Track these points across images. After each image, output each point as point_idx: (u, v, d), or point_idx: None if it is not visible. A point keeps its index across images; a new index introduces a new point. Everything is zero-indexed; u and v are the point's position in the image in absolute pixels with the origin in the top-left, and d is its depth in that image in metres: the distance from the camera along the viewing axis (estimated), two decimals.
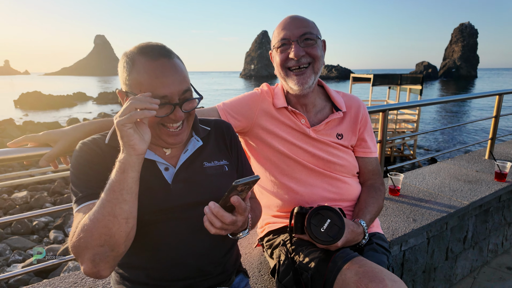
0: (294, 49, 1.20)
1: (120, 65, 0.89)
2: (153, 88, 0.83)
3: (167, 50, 0.88)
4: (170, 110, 0.86)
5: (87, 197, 0.84)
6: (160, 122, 0.88)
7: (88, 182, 0.85)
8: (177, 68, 0.87)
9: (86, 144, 0.90)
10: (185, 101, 0.88)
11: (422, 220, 1.93)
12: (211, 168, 1.00)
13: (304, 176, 1.31)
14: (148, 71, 0.83)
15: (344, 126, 1.36)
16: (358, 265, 0.98)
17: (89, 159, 0.87)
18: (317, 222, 1.06)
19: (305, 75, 1.23)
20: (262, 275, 1.44)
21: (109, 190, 0.76)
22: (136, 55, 0.85)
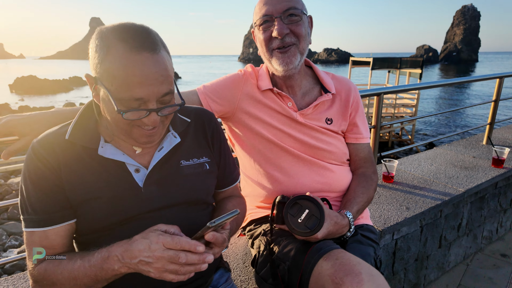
0: (278, 26, 1.09)
1: (91, 45, 0.73)
2: (127, 86, 0.69)
3: (151, 40, 0.72)
4: (144, 114, 0.73)
5: (33, 223, 0.77)
6: (132, 123, 0.75)
7: (34, 205, 0.77)
8: (160, 66, 0.72)
9: (36, 154, 0.77)
10: (163, 107, 0.75)
11: (416, 208, 1.87)
12: (189, 167, 0.89)
13: (290, 165, 1.23)
14: (124, 65, 0.69)
15: (334, 110, 1.27)
16: (335, 257, 0.92)
17: (38, 179, 0.76)
18: (295, 212, 1.00)
19: (289, 53, 1.12)
20: (246, 266, 1.39)
21: (83, 273, 0.72)
22: (113, 40, 0.70)
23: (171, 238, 0.67)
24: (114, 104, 0.70)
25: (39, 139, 0.80)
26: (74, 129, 0.81)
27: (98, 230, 0.80)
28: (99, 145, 0.81)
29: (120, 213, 0.80)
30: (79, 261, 0.73)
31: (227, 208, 0.99)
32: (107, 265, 0.70)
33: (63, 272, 0.73)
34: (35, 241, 0.78)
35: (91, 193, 0.79)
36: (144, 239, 0.69)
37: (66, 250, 0.81)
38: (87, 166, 0.80)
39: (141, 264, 0.68)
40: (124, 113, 0.71)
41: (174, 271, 0.67)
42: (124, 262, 0.69)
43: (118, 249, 0.70)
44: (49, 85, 40.45)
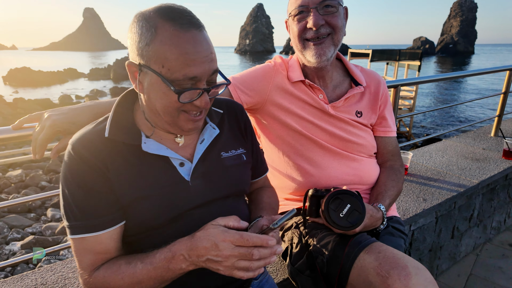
0: (313, 17, 1.08)
1: (133, 30, 0.70)
2: (181, 66, 0.67)
3: (196, 18, 0.71)
4: (196, 95, 0.71)
5: (85, 228, 0.73)
6: (181, 108, 0.73)
7: (85, 209, 0.73)
8: (209, 43, 0.71)
9: (79, 155, 0.72)
10: (213, 86, 0.73)
11: (432, 200, 1.89)
12: (229, 159, 0.88)
13: (320, 157, 1.23)
14: (176, 44, 0.66)
15: (364, 103, 1.27)
16: (377, 250, 0.93)
17: (85, 181, 0.72)
18: (336, 207, 0.99)
19: (323, 45, 1.11)
20: None
21: (148, 276, 0.70)
22: (160, 20, 0.67)
23: (240, 236, 0.66)
24: (169, 85, 0.67)
25: (78, 139, 0.75)
26: (112, 125, 0.77)
27: (148, 229, 0.78)
28: (141, 141, 0.78)
29: (170, 210, 0.77)
30: (140, 265, 0.70)
31: (263, 201, 0.99)
32: (173, 265, 0.68)
33: (124, 278, 0.71)
34: (87, 247, 0.74)
35: (140, 192, 0.76)
36: (208, 236, 0.67)
37: (119, 253, 0.78)
38: (132, 164, 0.76)
39: (210, 262, 0.67)
40: (181, 94, 0.69)
41: (245, 268, 0.66)
42: (191, 260, 0.67)
43: (182, 248, 0.68)
44: (44, 77, 39.88)
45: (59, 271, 1.30)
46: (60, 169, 3.74)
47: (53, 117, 0.89)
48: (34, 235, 6.31)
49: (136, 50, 0.70)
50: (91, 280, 0.73)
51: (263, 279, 1.03)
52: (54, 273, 1.29)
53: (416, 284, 0.81)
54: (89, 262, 0.74)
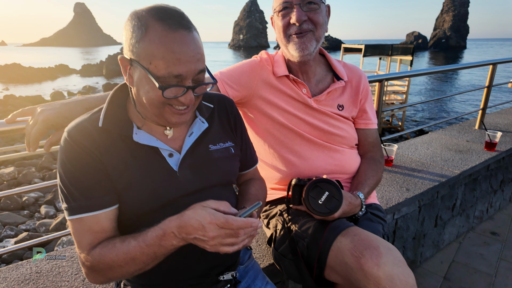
0: (296, 13, 1.13)
1: (127, 27, 0.75)
2: (167, 63, 0.71)
3: (187, 20, 0.75)
4: (181, 92, 0.75)
5: (83, 208, 0.77)
6: (166, 102, 0.77)
7: (83, 190, 0.78)
8: (196, 44, 0.75)
9: (75, 140, 0.77)
10: (199, 85, 0.77)
11: (415, 190, 1.96)
12: (217, 151, 0.93)
13: (304, 148, 1.29)
14: (164, 43, 0.71)
15: (346, 97, 1.33)
16: (353, 233, 0.99)
17: (81, 163, 0.77)
18: (315, 194, 1.05)
19: (305, 38, 1.17)
20: (259, 244, 1.46)
21: (141, 253, 0.75)
22: (151, 19, 0.72)
23: (226, 219, 0.71)
24: (154, 81, 0.72)
25: (74, 126, 0.80)
26: (106, 116, 0.81)
27: (139, 216, 0.82)
28: (133, 131, 0.82)
29: (159, 198, 0.82)
30: (133, 242, 0.75)
31: (250, 192, 1.03)
32: (164, 242, 0.73)
33: (119, 255, 0.75)
34: (85, 227, 0.78)
35: (130, 180, 0.80)
36: (196, 217, 0.71)
37: (115, 234, 0.82)
38: (123, 153, 0.81)
39: (197, 240, 0.72)
40: (165, 90, 0.73)
41: (231, 243, 0.72)
42: (181, 237, 0.72)
43: (172, 226, 0.73)
44: (34, 73, 39.33)
45: (53, 260, 1.35)
46: (53, 166, 3.79)
47: (46, 112, 0.93)
48: (28, 232, 6.30)
49: (128, 46, 0.75)
50: (89, 257, 0.77)
51: (249, 264, 1.09)
52: (49, 262, 1.34)
53: (386, 262, 0.87)
54: (88, 241, 0.78)
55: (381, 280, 0.85)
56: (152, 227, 0.75)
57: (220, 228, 0.71)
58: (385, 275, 0.86)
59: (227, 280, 0.92)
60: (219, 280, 0.91)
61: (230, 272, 0.94)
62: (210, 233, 0.70)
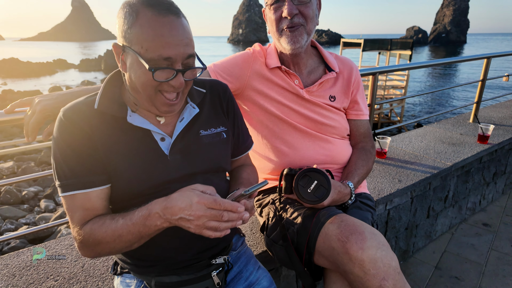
0: (288, 7, 1.16)
1: (119, 15, 0.78)
2: (156, 47, 0.74)
3: (175, 6, 0.78)
4: (172, 75, 0.78)
5: (75, 186, 0.81)
6: (158, 87, 0.80)
7: (74, 168, 0.81)
8: (185, 28, 0.78)
9: (69, 119, 0.81)
10: (188, 69, 0.80)
11: (407, 181, 2.00)
12: (207, 137, 0.96)
13: (296, 139, 1.32)
14: (153, 27, 0.74)
15: (337, 88, 1.36)
16: (340, 219, 1.02)
17: (74, 142, 0.80)
18: (305, 183, 1.09)
19: (297, 32, 1.20)
20: (254, 233, 1.50)
21: (127, 231, 0.78)
22: (141, 6, 0.76)
23: (213, 200, 0.73)
24: (145, 63, 0.75)
25: (70, 107, 0.83)
26: (102, 98, 0.85)
27: (130, 197, 0.86)
28: (127, 114, 0.86)
29: (150, 180, 0.85)
30: (121, 220, 0.78)
31: (242, 176, 1.06)
32: (149, 222, 0.76)
33: (107, 231, 0.79)
34: (77, 204, 0.82)
35: (123, 160, 0.84)
36: (184, 197, 0.74)
37: (106, 212, 0.86)
38: (117, 134, 0.85)
39: (182, 221, 0.74)
40: (155, 72, 0.75)
41: (214, 227, 0.74)
42: (165, 218, 0.75)
43: (157, 206, 0.76)
44: (33, 68, 39.14)
45: (53, 248, 1.39)
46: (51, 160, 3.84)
47: (43, 102, 0.96)
48: (28, 225, 6.36)
49: (120, 33, 0.79)
50: (81, 232, 0.81)
51: (241, 250, 1.12)
52: (49, 250, 1.38)
53: (370, 246, 0.91)
54: (79, 217, 0.82)
55: (365, 263, 0.89)
56: (140, 207, 0.79)
57: (207, 208, 0.73)
58: (368, 258, 0.90)
59: (220, 264, 0.96)
60: (211, 264, 0.95)
61: (223, 256, 0.98)
62: (197, 212, 0.73)
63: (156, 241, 0.85)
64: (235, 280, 1.03)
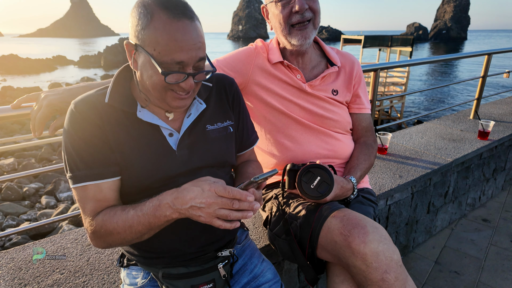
0: (299, 1, 1.17)
1: (133, 14, 0.79)
2: (170, 50, 0.75)
3: (190, 10, 0.79)
4: (182, 78, 0.79)
5: (87, 177, 0.82)
6: (168, 87, 0.81)
7: (86, 159, 0.82)
8: (198, 32, 0.79)
9: (81, 112, 0.82)
10: (199, 72, 0.82)
11: (408, 177, 2.02)
12: (214, 131, 0.98)
13: (299, 133, 1.33)
14: (168, 31, 0.75)
15: (339, 82, 1.37)
16: (342, 214, 1.04)
17: (86, 133, 0.82)
18: (308, 179, 1.10)
19: (307, 29, 1.22)
20: (256, 227, 1.52)
21: (138, 222, 0.79)
22: (156, 8, 0.76)
23: (223, 187, 0.74)
24: (157, 67, 0.76)
25: (81, 99, 0.84)
26: (112, 93, 0.86)
27: (140, 190, 0.88)
28: (137, 109, 0.87)
29: (158, 173, 0.87)
30: (132, 211, 0.80)
31: (248, 171, 1.07)
32: (159, 212, 0.77)
33: (118, 222, 0.80)
34: (88, 195, 0.83)
35: (132, 154, 0.85)
36: (196, 186, 0.75)
37: (118, 203, 0.88)
38: (127, 128, 0.86)
39: (193, 209, 0.75)
40: (167, 76, 0.77)
41: (224, 216, 0.75)
42: (175, 208, 0.76)
43: (168, 197, 0.77)
44: (32, 65, 39.04)
45: (58, 242, 1.41)
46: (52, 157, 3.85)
47: (50, 97, 0.98)
48: (29, 221, 6.39)
49: (134, 32, 0.79)
50: (93, 222, 0.83)
51: (246, 244, 1.14)
52: (54, 244, 1.39)
53: (372, 240, 0.93)
54: (91, 208, 0.84)
55: (367, 256, 0.91)
56: (151, 199, 0.81)
57: (218, 196, 0.74)
58: (371, 251, 0.91)
59: (225, 256, 0.98)
60: (217, 256, 0.97)
61: (228, 249, 1.00)
62: (208, 199, 0.73)
63: (163, 234, 0.87)
64: (240, 272, 1.05)
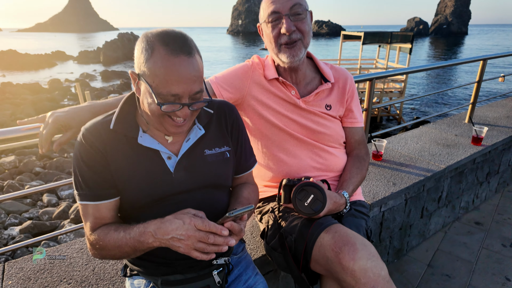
0: (286, 24, 1.22)
1: (137, 47, 0.86)
2: (166, 84, 0.82)
3: (189, 45, 0.85)
4: (177, 108, 0.86)
5: (87, 197, 0.93)
6: (165, 114, 0.88)
7: (88, 182, 0.92)
8: (195, 67, 0.85)
9: (87, 140, 0.92)
10: (194, 103, 0.88)
11: (401, 184, 2.08)
12: (212, 156, 1.04)
13: (294, 147, 1.39)
14: (165, 66, 0.81)
15: (333, 97, 1.42)
16: (334, 230, 1.10)
17: (89, 160, 0.91)
18: (302, 197, 1.16)
19: (296, 47, 1.27)
20: (254, 237, 1.58)
21: (125, 243, 0.88)
22: (157, 43, 0.83)
23: (202, 221, 0.82)
24: (154, 97, 0.84)
25: (88, 128, 0.94)
26: (117, 120, 0.95)
27: (138, 207, 0.96)
28: (138, 134, 0.96)
29: (155, 194, 0.95)
30: (122, 233, 0.89)
31: (242, 195, 1.13)
32: (143, 238, 0.86)
33: (110, 240, 0.90)
34: (89, 212, 0.94)
35: (131, 176, 0.94)
36: (177, 219, 0.83)
37: (114, 221, 0.97)
38: (128, 152, 0.95)
39: (173, 240, 0.83)
40: (162, 106, 0.84)
41: (201, 249, 0.83)
42: (156, 237, 0.85)
43: (152, 226, 0.86)
44: (31, 60, 38.89)
45: (64, 252, 1.47)
46: (53, 155, 4.02)
47: (56, 114, 1.06)
48: (32, 220, 6.47)
49: (137, 63, 0.87)
50: (91, 237, 0.94)
51: (242, 255, 1.21)
52: (60, 253, 1.46)
53: (361, 257, 0.99)
54: (90, 224, 0.95)
55: (356, 272, 0.98)
56: (139, 224, 0.89)
57: (197, 229, 0.82)
58: (359, 268, 0.98)
59: (220, 264, 1.04)
60: (212, 264, 1.03)
61: (223, 258, 1.06)
62: (187, 232, 0.82)
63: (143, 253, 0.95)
64: (235, 282, 1.12)
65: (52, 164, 9.21)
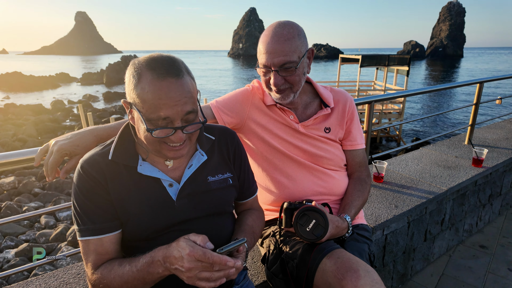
0: (274, 79, 1.24)
1: (127, 75, 0.86)
2: (155, 108, 0.81)
3: (176, 67, 0.83)
4: (170, 132, 0.84)
5: (89, 231, 0.89)
6: (161, 140, 0.86)
7: (89, 215, 0.89)
8: (183, 88, 0.83)
9: (86, 172, 0.89)
10: (188, 125, 0.86)
11: (403, 206, 2.06)
12: (215, 183, 1.01)
13: (295, 171, 1.39)
14: (152, 91, 0.80)
15: (332, 120, 1.43)
16: (337, 256, 1.08)
17: (90, 193, 0.88)
18: (304, 222, 1.15)
19: (284, 93, 1.28)
20: (255, 261, 1.55)
21: (133, 277, 0.83)
22: (144, 68, 0.82)
23: (203, 252, 0.77)
24: (144, 123, 0.83)
25: (87, 160, 0.91)
26: (116, 149, 0.93)
27: (141, 238, 0.93)
28: (138, 163, 0.93)
29: (158, 224, 0.92)
30: (127, 267, 0.84)
31: (246, 223, 1.10)
32: (152, 269, 0.81)
33: (115, 277, 0.84)
34: (90, 249, 0.89)
35: (133, 207, 0.91)
36: (178, 248, 0.78)
37: (118, 255, 0.93)
38: (128, 182, 0.92)
39: (176, 271, 0.79)
40: (153, 131, 0.82)
41: (206, 278, 0.78)
42: (165, 266, 0.80)
43: (159, 255, 0.81)
44: (35, 82, 39.58)
45: (61, 277, 1.44)
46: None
47: (59, 143, 1.05)
48: (28, 242, 6.35)
49: (128, 91, 0.86)
50: (93, 277, 0.88)
51: (244, 284, 1.17)
52: (57, 279, 1.43)
53: (364, 284, 0.97)
54: (92, 261, 0.89)
55: None
56: (145, 254, 0.85)
57: (197, 260, 0.77)
58: None
59: None
60: None
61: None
62: (186, 264, 0.77)
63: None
64: None
65: (52, 185, 9.16)
